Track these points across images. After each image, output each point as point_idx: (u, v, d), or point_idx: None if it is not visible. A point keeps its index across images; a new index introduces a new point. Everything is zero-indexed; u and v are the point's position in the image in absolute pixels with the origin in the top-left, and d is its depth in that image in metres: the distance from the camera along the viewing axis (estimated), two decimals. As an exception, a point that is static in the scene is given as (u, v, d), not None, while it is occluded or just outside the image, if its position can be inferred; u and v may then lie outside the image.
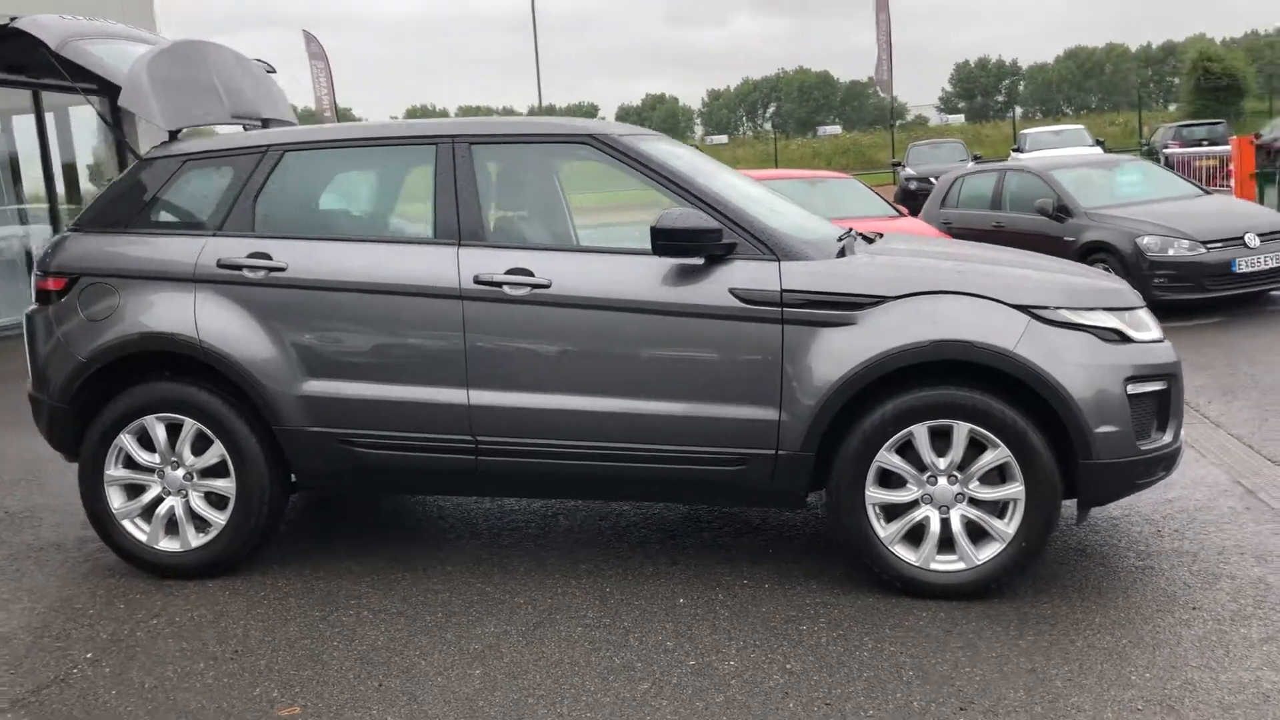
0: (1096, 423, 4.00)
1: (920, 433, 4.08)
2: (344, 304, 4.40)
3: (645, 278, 4.24)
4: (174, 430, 4.56)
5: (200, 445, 4.55)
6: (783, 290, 4.14)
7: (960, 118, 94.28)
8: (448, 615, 4.16)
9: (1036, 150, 26.30)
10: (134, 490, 4.65)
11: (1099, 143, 27.53)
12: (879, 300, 4.10)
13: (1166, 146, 26.60)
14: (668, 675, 3.61)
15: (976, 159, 26.59)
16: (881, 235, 4.88)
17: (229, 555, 4.59)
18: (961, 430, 4.06)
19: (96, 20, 5.08)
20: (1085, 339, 4.06)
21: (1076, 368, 4.01)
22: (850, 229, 4.94)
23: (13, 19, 4.75)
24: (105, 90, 4.94)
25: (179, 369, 4.59)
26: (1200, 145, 26.21)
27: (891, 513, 4.17)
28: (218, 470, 4.56)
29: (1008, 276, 4.22)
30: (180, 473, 4.58)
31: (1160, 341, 4.26)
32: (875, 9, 31.90)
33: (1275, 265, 10.23)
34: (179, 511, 4.59)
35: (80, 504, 4.65)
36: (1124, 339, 4.13)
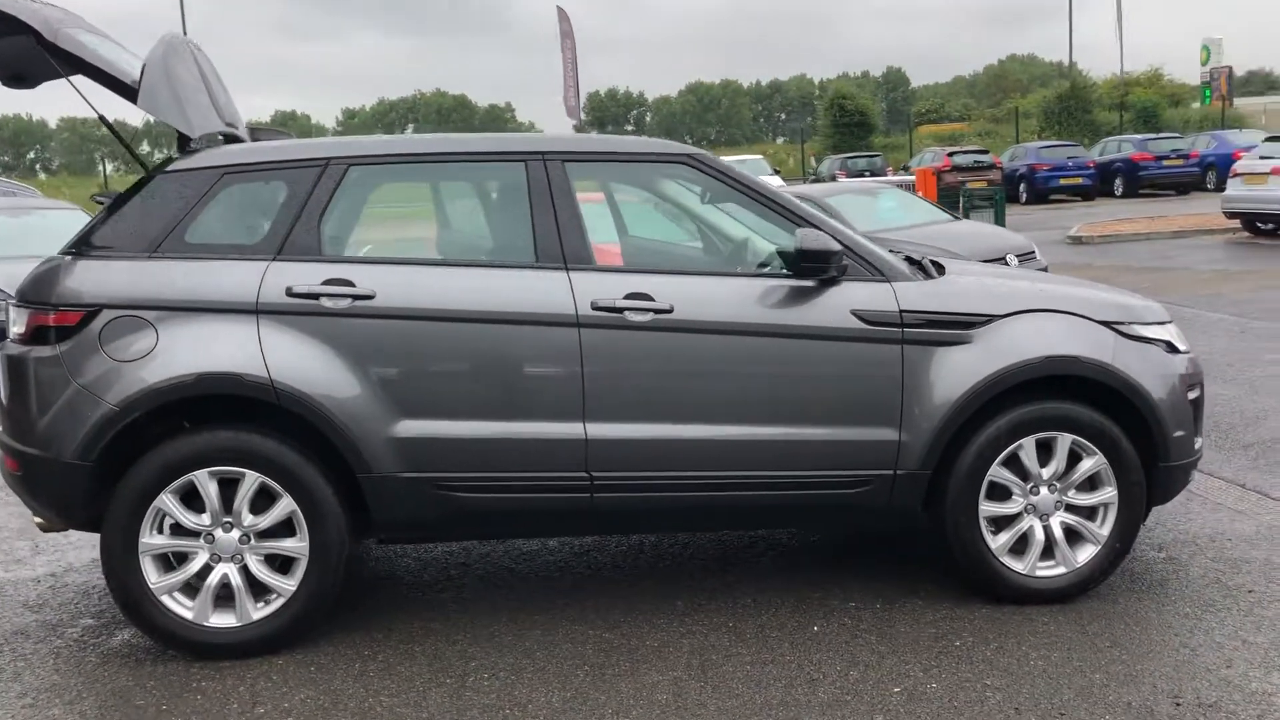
0: (1173, 428, 4.36)
1: (1029, 445, 4.26)
2: (444, 335, 3.98)
3: (763, 300, 4.15)
4: (224, 486, 3.93)
5: (261, 502, 3.95)
6: (901, 310, 4.19)
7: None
8: (596, 668, 3.85)
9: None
10: (172, 560, 3.96)
11: (776, 172, 29.53)
12: (989, 319, 4.24)
13: (834, 177, 28.97)
14: (886, 704, 3.55)
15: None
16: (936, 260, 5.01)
17: (298, 626, 4.01)
18: (1065, 441, 4.28)
19: (59, 7, 4.27)
20: (1155, 351, 4.41)
21: (1155, 378, 4.34)
22: (893, 250, 5.06)
23: (-13, 0, 3.90)
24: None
25: (215, 415, 3.96)
26: (863, 175, 28.78)
27: (998, 524, 4.32)
28: (279, 529, 3.97)
29: (1084, 295, 4.50)
30: (235, 535, 3.95)
31: (1189, 352, 4.69)
32: (560, 35, 32.57)
33: (1033, 283, 11.42)
34: (235, 580, 3.95)
35: (25, 576, 3.88)
36: (1174, 350, 4.52)
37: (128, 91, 4.09)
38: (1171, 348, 4.50)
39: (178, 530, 3.93)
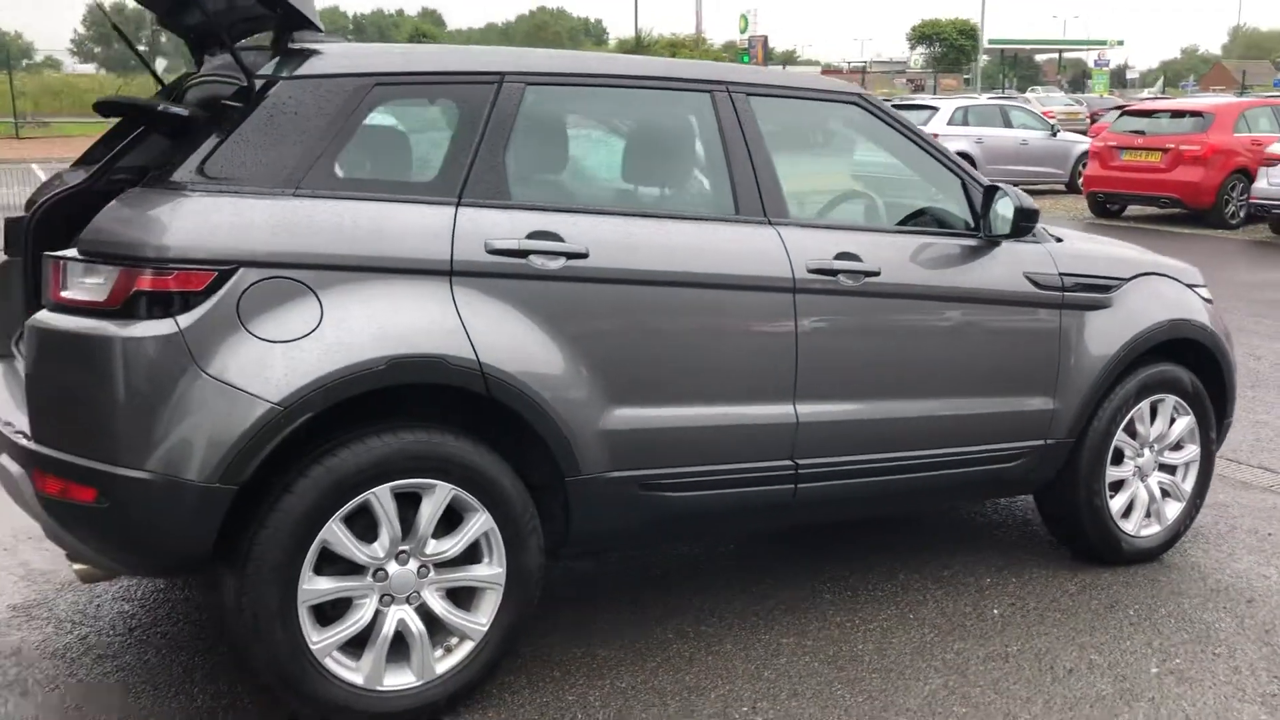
0: (1234, 386, 4.59)
1: (1144, 408, 4.29)
2: (664, 304, 3.25)
3: (950, 262, 3.82)
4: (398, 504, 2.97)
5: (443, 522, 3.03)
6: (1060, 274, 4.03)
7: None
8: (850, 683, 3.36)
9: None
10: (331, 609, 2.93)
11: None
12: (1120, 283, 4.20)
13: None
14: (1167, 688, 3.41)
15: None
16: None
17: (486, 674, 3.14)
18: (1169, 403, 4.35)
19: None
20: (1216, 311, 4.60)
21: (1227, 338, 4.54)
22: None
23: None
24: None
25: (377, 408, 2.97)
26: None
27: (1113, 489, 4.31)
28: (461, 556, 3.07)
29: (1164, 259, 4.58)
30: (413, 567, 2.99)
31: None
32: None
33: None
34: (415, 626, 3.00)
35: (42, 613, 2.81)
36: (1213, 310, 4.75)
37: None
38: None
39: (345, 568, 2.91)
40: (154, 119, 3.24)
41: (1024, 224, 3.76)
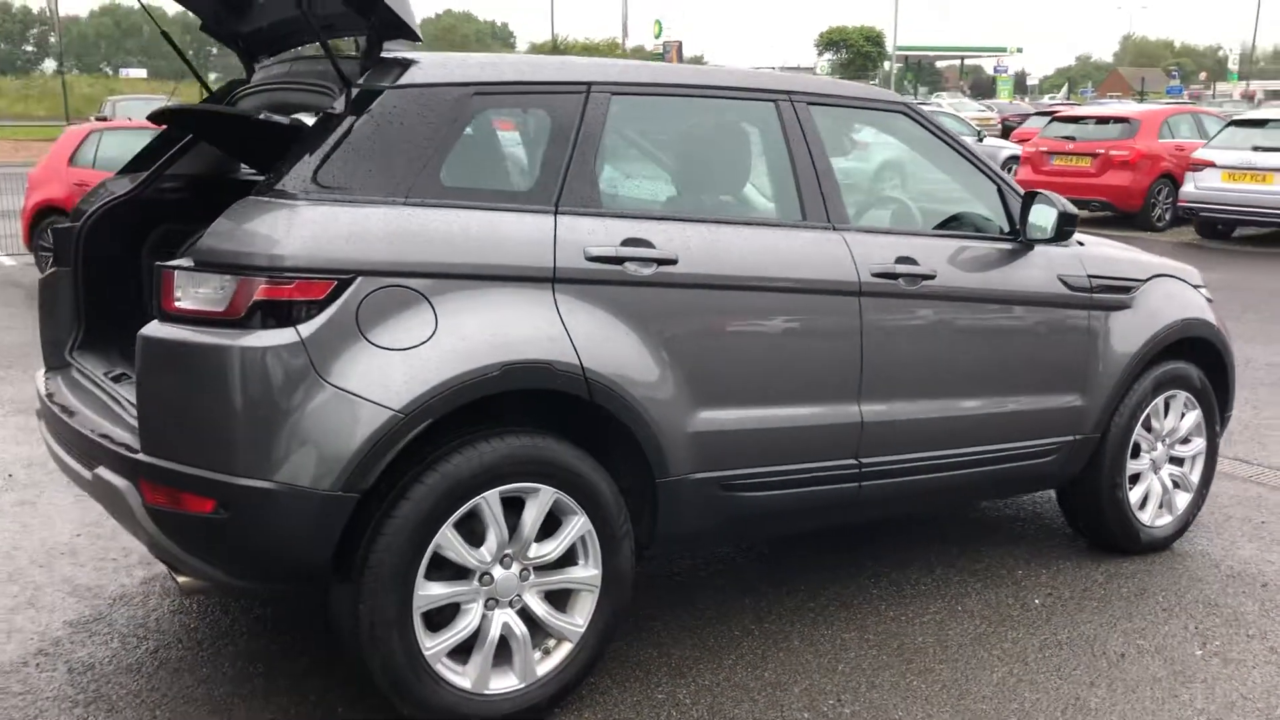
0: (1234, 380, 4.83)
1: (1159, 404, 4.50)
2: (746, 308, 3.34)
3: (995, 265, 3.96)
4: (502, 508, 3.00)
5: (542, 525, 3.07)
6: (1089, 275, 4.20)
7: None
8: (929, 652, 3.49)
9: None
10: (437, 615, 2.96)
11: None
12: (1138, 284, 4.39)
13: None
14: (1210, 669, 3.60)
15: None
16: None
17: (583, 676, 3.18)
18: (1180, 398, 4.57)
19: None
20: (1217, 309, 4.83)
21: (1228, 336, 4.77)
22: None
23: None
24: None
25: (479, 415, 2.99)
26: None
27: (1130, 481, 4.50)
28: (559, 559, 3.12)
29: (1171, 261, 4.80)
30: (515, 570, 3.03)
31: None
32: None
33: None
34: (519, 629, 3.04)
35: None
36: (1210, 311, 4.98)
37: None
38: (1209, 307, 4.94)
39: (454, 573, 2.94)
40: (250, 128, 3.22)
41: (1066, 228, 3.92)
